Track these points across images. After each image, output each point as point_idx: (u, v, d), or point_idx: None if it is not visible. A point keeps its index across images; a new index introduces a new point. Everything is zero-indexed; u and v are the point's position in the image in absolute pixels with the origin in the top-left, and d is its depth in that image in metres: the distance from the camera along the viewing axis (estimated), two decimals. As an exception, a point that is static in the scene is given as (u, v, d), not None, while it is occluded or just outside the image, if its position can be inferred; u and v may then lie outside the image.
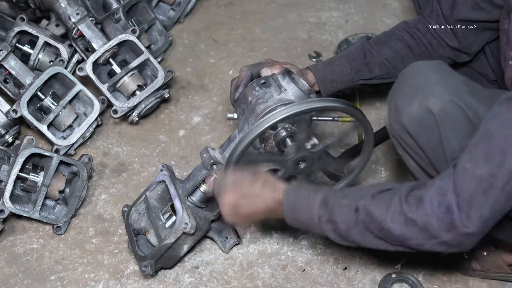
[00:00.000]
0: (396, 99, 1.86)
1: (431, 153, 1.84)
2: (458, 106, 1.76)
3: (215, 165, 2.11)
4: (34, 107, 2.53)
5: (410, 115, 1.82)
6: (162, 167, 2.24)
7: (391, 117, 1.89)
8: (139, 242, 2.22)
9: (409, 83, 1.85)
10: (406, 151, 1.92)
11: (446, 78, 1.83)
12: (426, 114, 1.79)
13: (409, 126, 1.83)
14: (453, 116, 1.77)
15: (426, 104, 1.78)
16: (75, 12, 2.60)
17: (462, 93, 1.78)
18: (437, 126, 1.78)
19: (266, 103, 2.03)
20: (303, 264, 2.28)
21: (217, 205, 2.04)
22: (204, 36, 3.09)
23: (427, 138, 1.82)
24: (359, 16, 3.20)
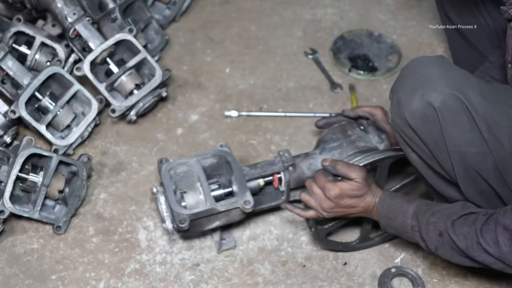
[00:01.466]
0: (397, 94, 1.88)
1: (433, 147, 1.85)
2: (458, 99, 1.78)
3: (292, 166, 2.25)
4: (32, 108, 2.53)
5: (412, 109, 1.83)
6: (223, 143, 2.33)
7: (393, 112, 1.91)
8: None
9: (410, 77, 1.87)
10: (409, 145, 1.94)
11: (447, 72, 1.84)
12: (427, 108, 1.80)
13: (411, 120, 1.84)
14: (454, 109, 1.78)
15: (427, 98, 1.80)
16: (72, 12, 2.60)
17: (462, 87, 1.79)
18: (438, 120, 1.79)
19: (367, 143, 2.27)
20: (303, 260, 2.29)
21: None
22: (200, 35, 3.09)
23: (429, 132, 1.83)
24: (354, 13, 3.22)
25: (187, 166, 2.26)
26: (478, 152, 1.82)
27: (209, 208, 2.15)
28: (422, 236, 1.91)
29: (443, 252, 1.88)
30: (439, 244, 1.87)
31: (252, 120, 2.72)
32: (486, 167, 1.83)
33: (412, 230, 1.94)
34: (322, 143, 2.33)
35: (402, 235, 2.00)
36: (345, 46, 3.03)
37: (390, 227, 2.02)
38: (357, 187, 2.02)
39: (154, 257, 2.30)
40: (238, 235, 2.36)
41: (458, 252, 1.84)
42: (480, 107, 1.78)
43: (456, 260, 1.88)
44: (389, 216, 1.99)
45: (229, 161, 2.26)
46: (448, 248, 1.86)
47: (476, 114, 1.78)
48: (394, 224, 1.99)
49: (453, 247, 1.84)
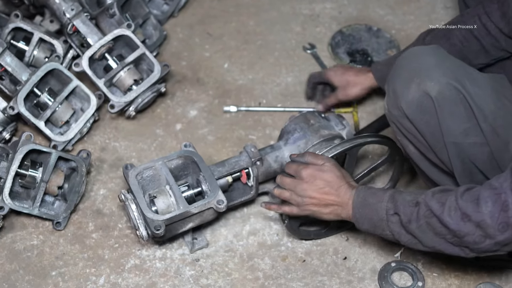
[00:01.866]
0: (394, 84, 1.88)
1: (430, 137, 1.85)
2: (455, 88, 1.78)
3: (259, 161, 2.24)
4: (31, 104, 2.53)
5: (408, 99, 1.83)
6: (188, 143, 2.29)
7: (390, 103, 1.91)
8: None
9: (406, 67, 1.87)
10: (406, 137, 1.94)
11: (443, 61, 1.84)
12: (424, 97, 1.80)
13: (407, 110, 1.84)
14: (451, 99, 1.78)
15: (423, 87, 1.80)
16: (70, 7, 2.59)
17: (459, 77, 1.80)
18: (435, 110, 1.79)
19: (330, 130, 2.28)
20: (303, 255, 2.30)
21: None
22: (198, 30, 3.09)
23: (426, 122, 1.83)
24: (352, 7, 3.21)
25: (153, 170, 2.24)
26: (474, 143, 1.82)
27: (183, 211, 2.12)
28: (396, 211, 1.83)
29: (415, 226, 1.78)
30: (414, 216, 1.78)
31: (251, 115, 2.72)
32: (482, 157, 1.84)
33: (387, 214, 1.85)
34: (286, 134, 2.34)
35: (377, 226, 1.91)
36: (344, 41, 3.03)
37: (363, 220, 1.93)
38: (328, 169, 1.98)
39: (154, 252, 2.30)
40: (238, 230, 2.36)
41: (432, 226, 1.75)
42: (476, 97, 1.78)
43: (429, 239, 1.79)
44: (364, 203, 1.91)
45: (196, 161, 2.24)
46: (422, 223, 1.77)
47: (473, 103, 1.78)
48: (368, 213, 1.90)
49: (428, 222, 1.76)
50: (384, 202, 1.86)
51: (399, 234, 1.85)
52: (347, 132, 2.31)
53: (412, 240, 1.83)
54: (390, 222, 1.85)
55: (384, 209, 1.86)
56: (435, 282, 2.22)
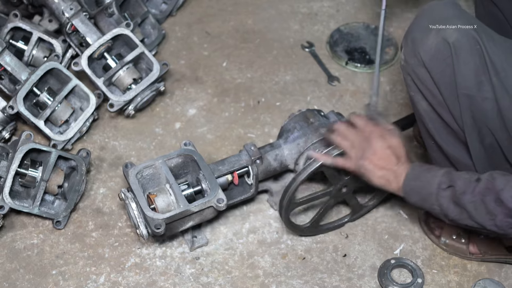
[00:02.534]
0: (412, 33, 1.90)
1: (444, 88, 1.85)
2: (473, 38, 1.79)
3: (259, 160, 2.25)
4: (30, 103, 2.53)
5: (427, 46, 1.84)
6: (187, 142, 2.29)
7: (407, 52, 1.92)
8: None
9: (426, 17, 1.89)
10: (419, 89, 1.93)
11: (463, 13, 1.87)
12: (442, 44, 1.81)
13: (425, 57, 1.85)
14: (467, 47, 1.79)
15: (442, 34, 1.82)
16: (69, 7, 2.60)
17: (477, 28, 1.82)
18: (451, 58, 1.80)
19: None
20: (303, 253, 2.30)
21: None
22: (196, 29, 3.09)
23: (442, 71, 1.84)
24: (350, 6, 3.22)
25: (153, 168, 2.24)
26: (486, 98, 1.82)
27: (183, 210, 2.13)
28: (451, 183, 1.80)
29: (469, 199, 1.76)
30: (471, 189, 1.76)
31: (250, 114, 2.73)
32: (491, 115, 1.84)
33: (438, 188, 1.83)
34: (285, 132, 2.34)
35: (423, 202, 1.89)
36: (342, 39, 3.04)
37: (413, 192, 1.91)
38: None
39: (154, 251, 2.30)
40: (237, 228, 2.36)
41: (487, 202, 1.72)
42: (491, 51, 1.80)
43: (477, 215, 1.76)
44: (417, 177, 1.90)
45: (196, 160, 2.24)
46: (477, 198, 1.74)
47: (488, 57, 1.79)
48: (419, 186, 1.88)
49: (483, 198, 1.73)
50: (438, 177, 1.84)
51: (447, 209, 1.83)
52: None
53: (461, 214, 1.80)
54: (440, 196, 1.83)
55: (436, 183, 1.84)
56: (434, 279, 2.23)
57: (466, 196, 1.77)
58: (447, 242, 2.26)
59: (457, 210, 1.81)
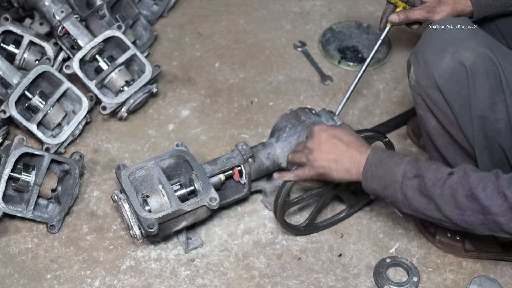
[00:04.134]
0: (424, 54, 1.86)
1: (458, 109, 1.83)
2: (489, 59, 1.77)
3: (251, 158, 2.24)
4: (22, 107, 2.52)
5: (442, 69, 1.81)
6: (179, 143, 2.28)
7: (419, 73, 1.88)
8: None
9: (438, 37, 1.85)
10: (430, 110, 1.91)
11: (477, 31, 1.83)
12: (459, 67, 1.79)
13: (439, 80, 1.82)
14: (483, 70, 1.77)
15: (458, 57, 1.79)
16: (60, 10, 2.59)
17: (492, 48, 1.79)
18: (468, 80, 1.78)
19: None
20: (298, 253, 2.30)
21: None
22: (188, 30, 3.09)
23: (457, 93, 1.81)
24: (342, 4, 3.22)
25: (145, 170, 2.24)
26: (499, 119, 1.81)
27: (176, 210, 2.12)
28: (419, 173, 1.76)
29: (438, 192, 1.73)
30: (441, 182, 1.72)
31: (243, 114, 2.72)
32: (504, 134, 1.83)
33: (404, 177, 1.79)
34: (277, 131, 2.34)
35: (384, 189, 1.85)
36: (334, 38, 3.04)
37: (373, 179, 1.86)
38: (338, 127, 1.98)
39: (149, 253, 2.29)
40: (232, 229, 2.36)
41: (458, 197, 1.69)
42: (507, 71, 1.78)
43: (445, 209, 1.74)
44: (378, 163, 1.85)
45: (188, 160, 2.24)
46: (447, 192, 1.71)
47: (504, 77, 1.77)
48: (381, 173, 1.84)
49: (454, 193, 1.70)
50: (403, 165, 1.80)
51: (412, 198, 1.79)
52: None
53: (427, 205, 1.77)
54: (405, 185, 1.79)
55: (401, 171, 1.80)
56: (430, 277, 2.23)
57: (436, 189, 1.74)
58: (442, 240, 2.26)
59: (424, 201, 1.77)
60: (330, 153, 1.95)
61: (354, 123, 2.67)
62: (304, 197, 2.23)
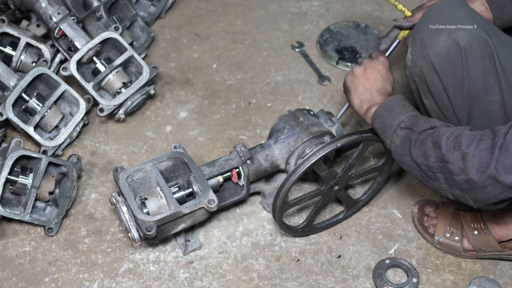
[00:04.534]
0: (421, 34, 1.88)
1: (452, 91, 1.85)
2: (484, 41, 1.78)
3: (249, 160, 2.24)
4: (19, 109, 2.51)
5: (437, 48, 1.83)
6: (177, 145, 2.28)
7: (415, 53, 1.91)
8: None
9: (436, 17, 1.87)
10: (426, 89, 1.94)
11: (473, 14, 1.85)
12: (453, 47, 1.80)
13: (435, 59, 1.84)
14: (478, 51, 1.79)
15: (454, 36, 1.80)
16: (56, 11, 2.58)
17: (488, 31, 1.80)
18: (462, 61, 1.79)
19: (319, 127, 2.30)
20: (297, 254, 2.29)
21: None
22: (186, 31, 3.08)
23: (451, 73, 1.83)
24: (339, 5, 3.21)
25: (143, 172, 2.23)
26: (493, 101, 1.83)
27: (174, 212, 2.12)
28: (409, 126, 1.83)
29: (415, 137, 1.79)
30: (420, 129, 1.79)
31: (241, 115, 2.72)
32: (498, 117, 1.84)
33: (398, 126, 1.87)
34: (275, 132, 2.34)
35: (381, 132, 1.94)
36: (332, 38, 3.03)
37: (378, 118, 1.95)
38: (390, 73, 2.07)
39: (148, 256, 2.29)
40: (231, 231, 2.35)
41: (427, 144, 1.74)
42: (501, 54, 1.79)
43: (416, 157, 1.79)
44: (388, 107, 1.92)
45: (186, 162, 2.24)
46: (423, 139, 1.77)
47: (498, 60, 1.79)
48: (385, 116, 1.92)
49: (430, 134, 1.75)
50: (403, 116, 1.87)
51: (395, 147, 1.87)
52: (336, 129, 2.32)
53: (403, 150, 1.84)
54: (395, 134, 1.86)
55: (398, 120, 1.87)
56: (429, 278, 2.22)
57: (414, 135, 1.80)
58: (441, 241, 2.26)
59: (402, 147, 1.84)
60: (367, 79, 2.06)
61: (353, 125, 2.67)
62: (302, 198, 2.22)
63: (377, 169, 2.29)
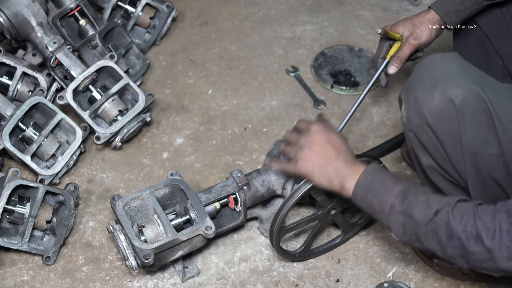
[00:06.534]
0: (415, 92, 1.86)
1: (449, 146, 1.83)
2: (479, 96, 1.77)
3: (246, 186, 2.25)
4: (16, 138, 2.52)
5: (432, 107, 1.81)
6: (174, 172, 2.29)
7: (410, 111, 1.88)
8: None
9: (428, 74, 1.85)
10: (423, 146, 1.91)
11: (466, 68, 1.84)
12: (448, 105, 1.78)
13: (430, 118, 1.82)
14: (473, 107, 1.77)
15: (448, 94, 1.78)
16: (52, 41, 2.60)
17: (482, 85, 1.79)
18: (458, 118, 1.78)
19: None
20: (295, 279, 2.29)
21: None
22: (181, 57, 3.10)
23: (448, 131, 1.81)
24: (333, 29, 3.24)
25: (140, 199, 2.24)
26: (492, 154, 1.81)
27: (172, 239, 2.12)
28: (407, 212, 1.75)
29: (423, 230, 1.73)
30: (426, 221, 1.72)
31: (237, 141, 2.73)
32: (498, 168, 1.83)
33: (391, 210, 1.78)
34: (271, 158, 2.34)
35: (374, 213, 1.85)
36: (326, 62, 3.05)
37: (362, 201, 1.86)
38: (336, 133, 1.99)
39: (146, 283, 2.28)
40: (229, 257, 2.35)
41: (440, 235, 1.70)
42: (497, 106, 1.78)
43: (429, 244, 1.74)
44: (369, 189, 1.84)
45: (183, 189, 2.24)
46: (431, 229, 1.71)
47: (494, 113, 1.77)
48: (371, 199, 1.84)
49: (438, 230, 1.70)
50: (392, 197, 1.79)
51: (397, 231, 1.80)
52: None
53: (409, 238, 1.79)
54: (392, 218, 1.79)
55: (389, 204, 1.80)
56: (428, 301, 2.23)
57: (421, 227, 1.74)
58: (440, 263, 2.26)
59: (408, 235, 1.78)
60: (319, 156, 1.96)
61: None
62: (299, 223, 2.23)
63: None
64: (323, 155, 1.95)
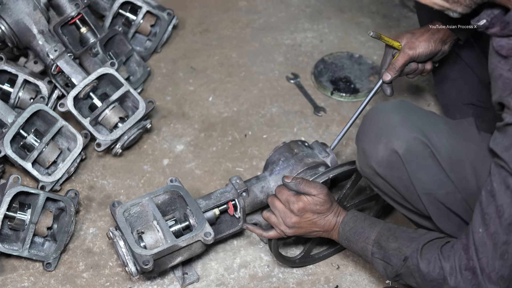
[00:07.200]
0: (362, 144, 1.93)
1: (404, 191, 1.89)
2: (423, 143, 1.82)
3: (245, 192, 2.27)
4: (17, 145, 2.54)
5: (378, 159, 1.87)
6: (174, 178, 2.31)
7: (361, 162, 1.96)
8: None
9: (372, 126, 1.91)
10: (380, 190, 1.98)
11: (408, 117, 1.87)
12: (393, 156, 1.84)
13: (378, 169, 1.88)
14: (419, 154, 1.82)
15: (391, 146, 1.84)
16: (53, 48, 2.61)
17: (425, 131, 1.83)
18: (404, 166, 1.82)
19: (314, 158, 2.32)
20: (294, 285, 2.30)
21: None
22: (181, 64, 3.11)
23: (398, 178, 1.87)
24: (333, 36, 3.25)
25: (140, 206, 2.25)
26: (446, 193, 1.85)
27: (171, 245, 2.13)
28: (385, 259, 1.92)
29: (402, 272, 1.89)
30: (400, 267, 1.88)
31: (238, 147, 2.74)
32: (456, 204, 1.87)
33: (372, 256, 1.96)
34: (270, 164, 2.37)
35: (362, 257, 2.03)
36: (326, 69, 3.06)
37: (351, 249, 2.05)
38: (319, 203, 2.03)
39: (146, 289, 2.30)
40: (228, 263, 2.36)
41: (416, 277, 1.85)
42: (444, 149, 1.81)
43: (412, 282, 1.89)
44: (350, 239, 2.02)
45: (182, 195, 2.26)
46: (408, 271, 1.87)
47: (440, 156, 1.81)
48: (355, 247, 2.02)
49: (412, 273, 1.85)
50: (369, 246, 1.96)
51: (382, 273, 1.97)
52: (331, 160, 2.34)
53: (393, 277, 1.94)
54: (375, 262, 1.97)
55: (369, 251, 1.97)
56: (427, 307, 2.23)
57: (398, 269, 1.90)
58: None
59: (390, 277, 1.94)
60: (307, 229, 2.09)
61: (348, 155, 2.69)
62: None
63: (372, 198, 2.31)
64: (310, 226, 2.08)
